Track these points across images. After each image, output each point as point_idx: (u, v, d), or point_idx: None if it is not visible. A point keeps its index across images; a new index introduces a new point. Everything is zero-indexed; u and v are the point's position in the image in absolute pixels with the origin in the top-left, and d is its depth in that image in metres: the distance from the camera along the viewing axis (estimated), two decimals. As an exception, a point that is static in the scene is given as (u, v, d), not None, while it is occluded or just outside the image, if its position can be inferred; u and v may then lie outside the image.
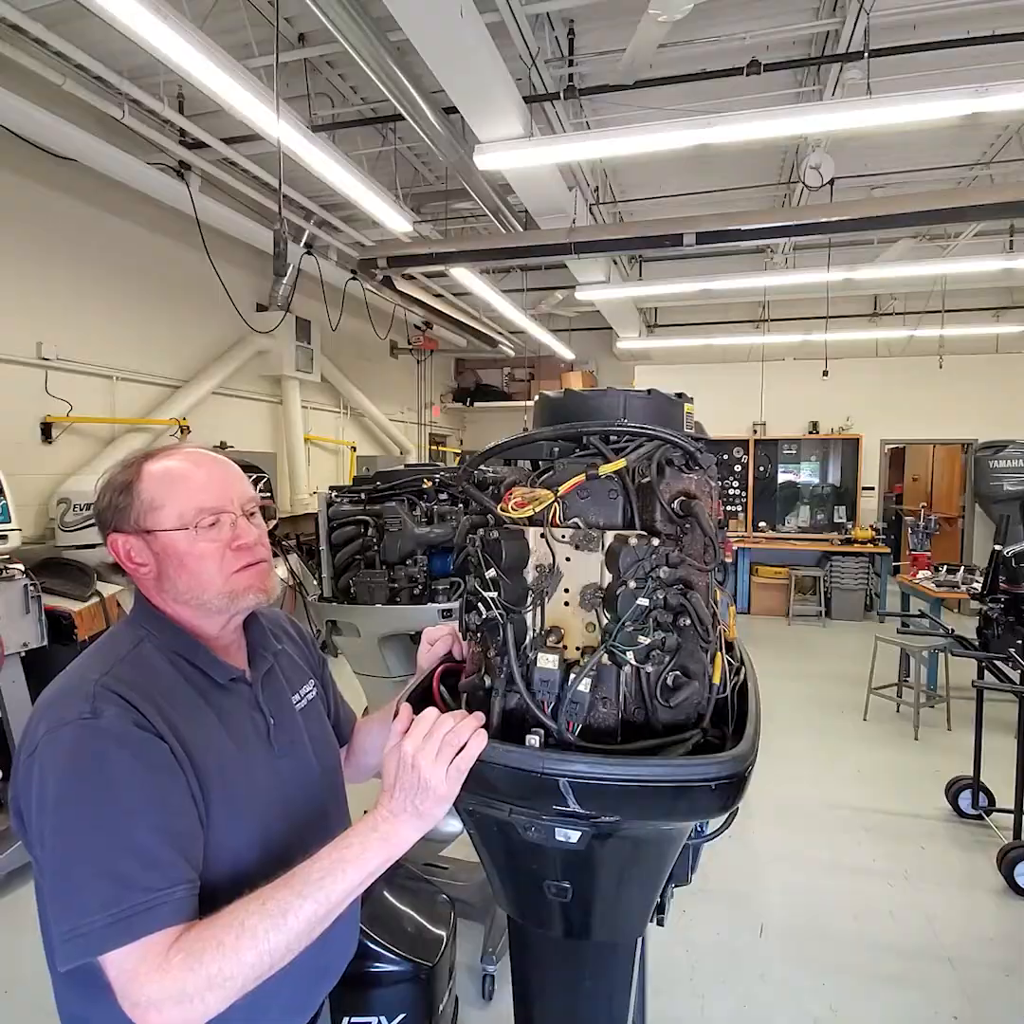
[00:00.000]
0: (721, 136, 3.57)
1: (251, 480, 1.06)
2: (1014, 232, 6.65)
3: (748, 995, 2.39)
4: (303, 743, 1.08)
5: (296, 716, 1.09)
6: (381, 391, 9.25)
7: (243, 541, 0.98)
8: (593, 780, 0.88)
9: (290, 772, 1.03)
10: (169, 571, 0.96)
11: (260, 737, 1.00)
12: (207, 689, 0.97)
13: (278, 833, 0.96)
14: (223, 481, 1.00)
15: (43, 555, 3.98)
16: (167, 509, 0.95)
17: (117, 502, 0.97)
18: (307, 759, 1.08)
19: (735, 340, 9.30)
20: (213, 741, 0.92)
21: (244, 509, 1.00)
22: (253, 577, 0.99)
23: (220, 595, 0.97)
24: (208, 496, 0.97)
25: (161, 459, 0.98)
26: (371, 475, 2.76)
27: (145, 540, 0.96)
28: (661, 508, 1.00)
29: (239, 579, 0.98)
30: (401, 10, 2.89)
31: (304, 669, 1.18)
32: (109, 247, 5.08)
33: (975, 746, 3.40)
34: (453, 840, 2.78)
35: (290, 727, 1.06)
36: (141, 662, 0.93)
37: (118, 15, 2.65)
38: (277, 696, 1.07)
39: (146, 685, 0.89)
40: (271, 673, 1.08)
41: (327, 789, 1.12)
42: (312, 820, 1.03)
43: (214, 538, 0.96)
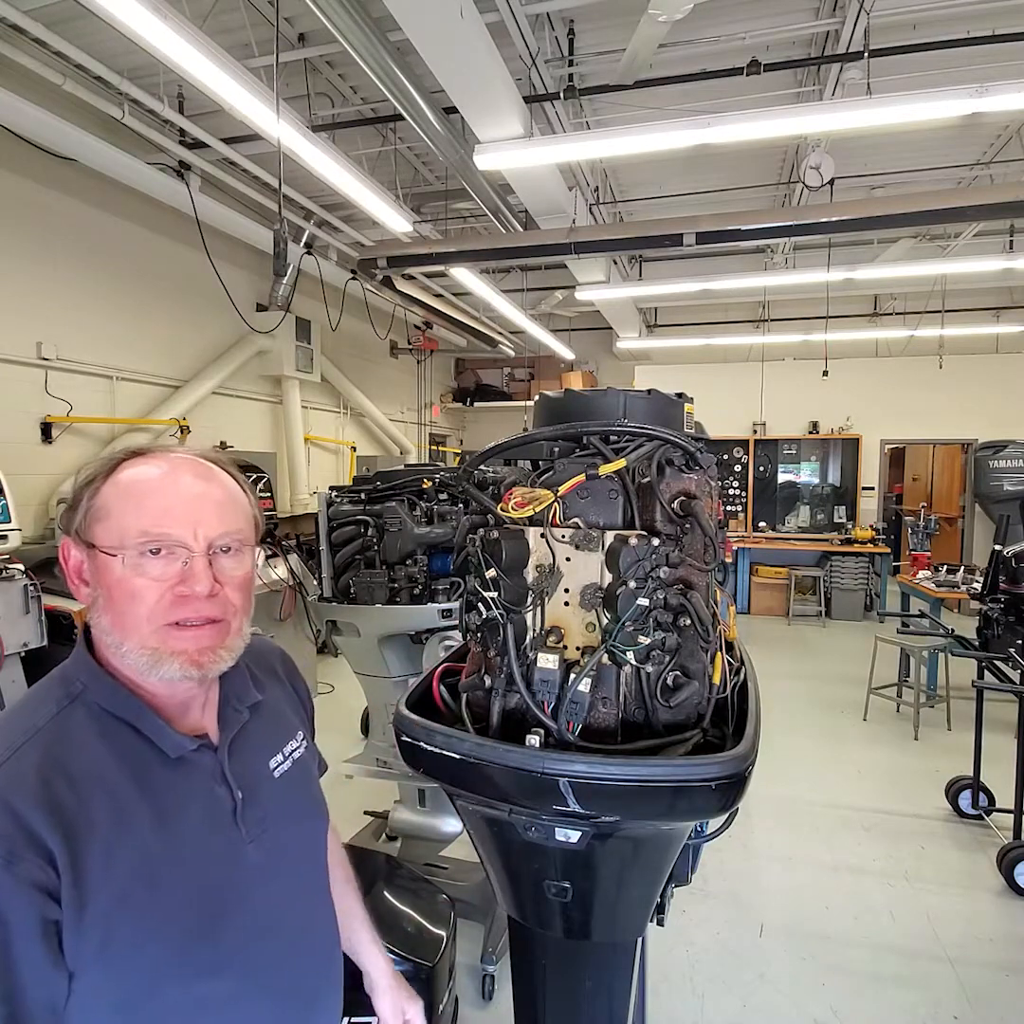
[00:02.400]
0: (721, 136, 3.57)
1: (251, 500, 0.87)
2: (1014, 232, 6.65)
3: (748, 995, 2.39)
4: (281, 818, 0.89)
5: (274, 785, 0.90)
6: (381, 391, 9.25)
7: (185, 588, 0.76)
8: (593, 780, 0.88)
9: (262, 859, 0.84)
10: (100, 601, 0.77)
11: (223, 818, 0.82)
12: (152, 765, 0.78)
13: (228, 945, 0.78)
14: (194, 502, 0.78)
15: (43, 555, 3.97)
16: (111, 522, 0.76)
17: (74, 499, 0.79)
18: (285, 838, 0.89)
19: (735, 340, 9.30)
20: (140, 839, 0.74)
21: (212, 546, 0.78)
22: (186, 641, 0.76)
23: (140, 651, 0.75)
24: (163, 518, 0.76)
25: (141, 460, 0.80)
26: (371, 475, 2.76)
27: (88, 555, 0.78)
28: (661, 508, 1.00)
29: (168, 636, 0.76)
30: (401, 10, 2.89)
31: (291, 720, 1.00)
32: (109, 247, 5.08)
33: (975, 746, 3.40)
34: (453, 840, 2.78)
35: (265, 800, 0.87)
36: (60, 736, 0.74)
37: (118, 15, 2.65)
38: (250, 762, 0.88)
39: (55, 771, 0.71)
40: (245, 732, 0.89)
41: (309, 873, 0.94)
42: (288, 915, 0.87)
43: (155, 574, 0.75)
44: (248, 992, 0.81)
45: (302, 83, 4.34)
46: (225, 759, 0.84)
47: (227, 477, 0.85)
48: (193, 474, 0.81)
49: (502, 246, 5.22)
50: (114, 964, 0.70)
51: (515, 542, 1.00)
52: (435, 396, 11.08)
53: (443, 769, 0.99)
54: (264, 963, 0.82)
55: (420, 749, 1.01)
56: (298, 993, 0.87)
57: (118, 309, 5.17)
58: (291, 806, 0.92)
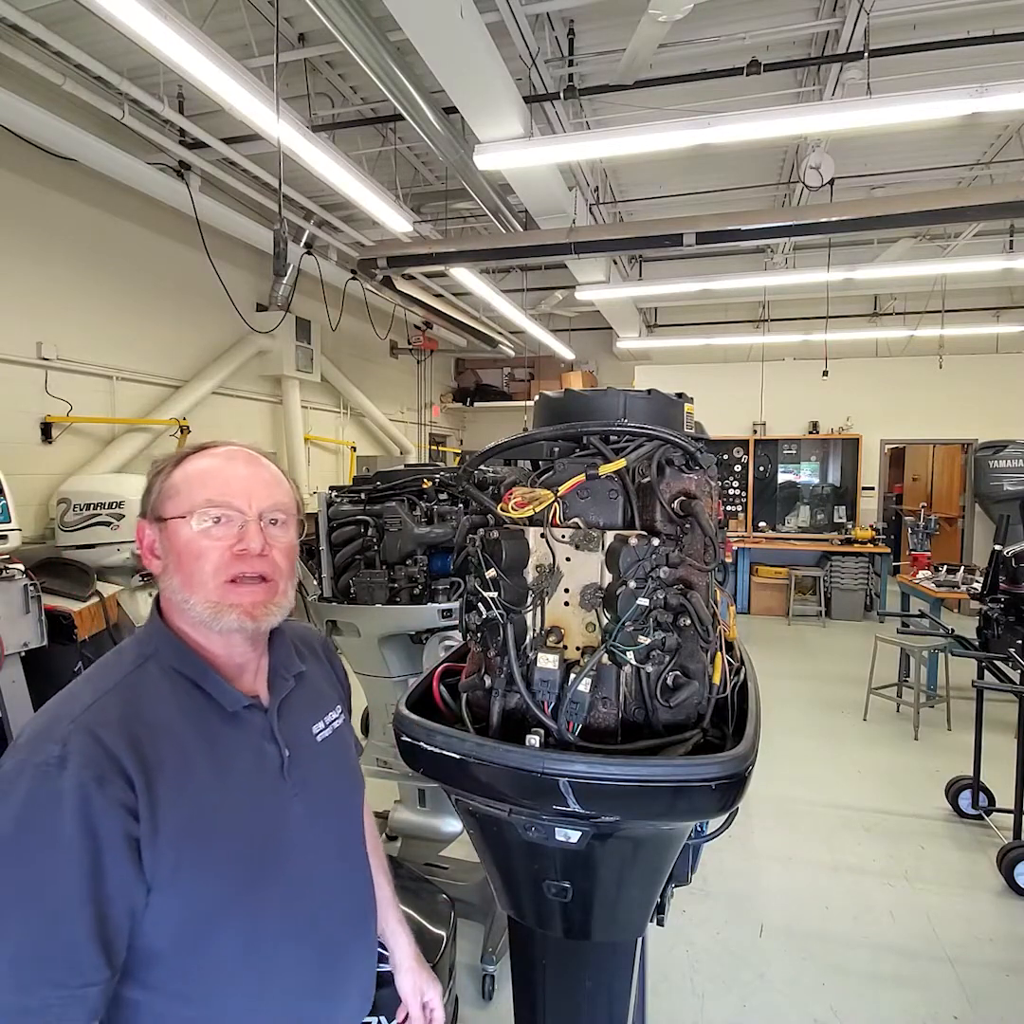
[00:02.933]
0: (721, 136, 3.57)
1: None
2: (1014, 232, 6.64)
3: (748, 995, 2.39)
4: (323, 778, 0.99)
5: (317, 747, 1.01)
6: (381, 391, 9.25)
7: (244, 546, 0.88)
8: (593, 780, 0.88)
9: (305, 811, 0.94)
10: (170, 565, 0.89)
11: (272, 772, 0.92)
12: (212, 719, 0.89)
13: (275, 884, 0.89)
14: (247, 480, 0.93)
15: (43, 555, 3.97)
16: (180, 497, 0.90)
17: (149, 486, 0.93)
18: (326, 796, 0.99)
19: (735, 340, 9.30)
20: (203, 781, 0.84)
21: (263, 515, 0.91)
22: (244, 594, 0.89)
23: (204, 603, 0.87)
24: (223, 490, 0.90)
25: (205, 453, 0.94)
26: (371, 475, 2.76)
27: (159, 529, 0.91)
28: (661, 508, 1.00)
29: (228, 591, 0.88)
30: (401, 10, 2.89)
31: (330, 694, 1.10)
32: (109, 247, 5.08)
33: (975, 746, 3.40)
34: (453, 840, 2.78)
35: (309, 760, 0.98)
36: (136, 689, 0.86)
37: (118, 15, 2.65)
38: (296, 725, 0.99)
39: (133, 716, 0.82)
40: (291, 699, 1.00)
41: (348, 829, 1.04)
42: (329, 865, 0.98)
43: (217, 536, 0.88)
44: (288, 934, 0.89)
45: (302, 83, 4.34)
46: (275, 719, 0.95)
47: (272, 464, 1.00)
48: (246, 459, 0.96)
49: (502, 246, 5.22)
50: (182, 888, 0.80)
51: (515, 542, 1.00)
52: (435, 396, 11.08)
53: (443, 769, 0.99)
54: (303, 910, 0.92)
55: (420, 749, 1.01)
56: (331, 942, 0.95)
57: (118, 309, 5.17)
58: (331, 769, 1.02)
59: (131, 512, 3.83)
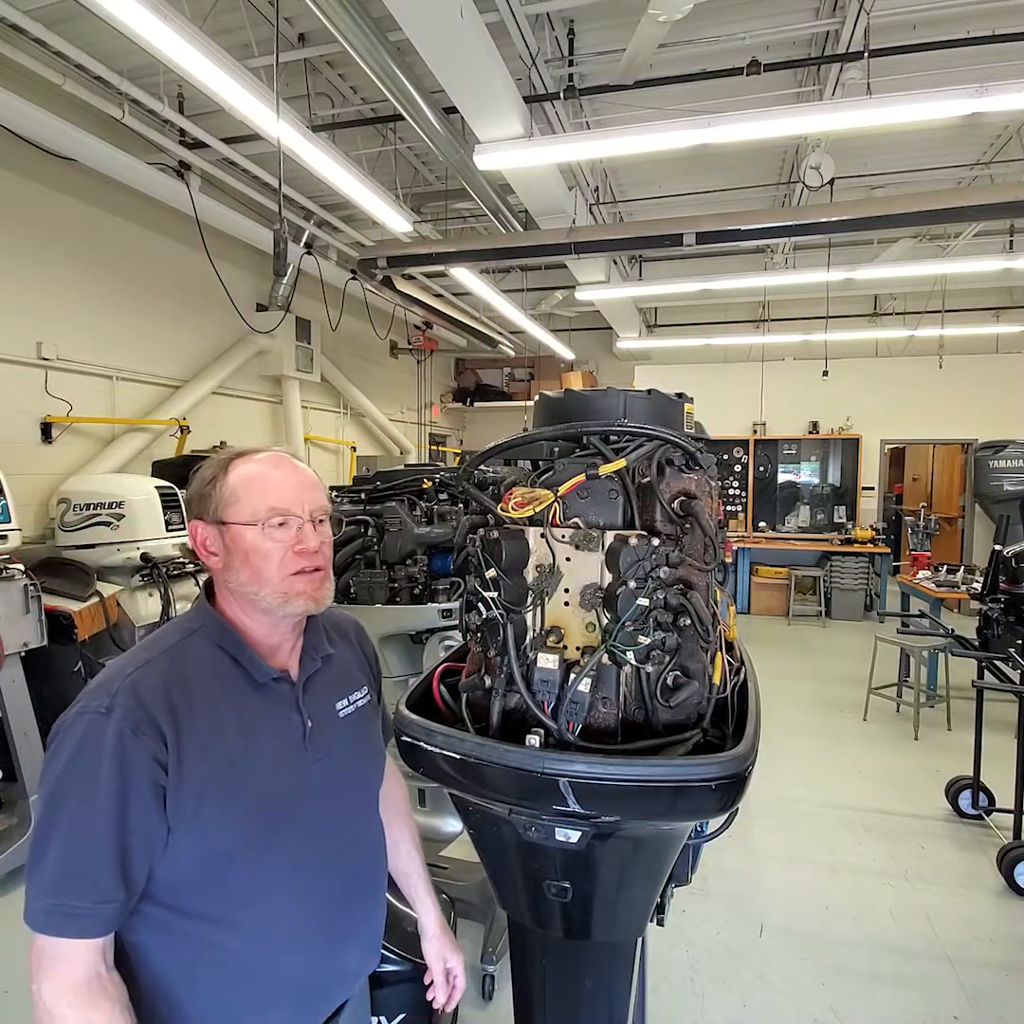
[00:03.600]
0: (721, 136, 3.57)
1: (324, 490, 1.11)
2: (1014, 232, 6.64)
3: (748, 995, 2.39)
4: (342, 749, 1.09)
5: (338, 722, 1.10)
6: (381, 391, 9.25)
7: (304, 546, 1.01)
8: (593, 780, 0.88)
9: (323, 777, 1.04)
10: (235, 563, 1.00)
11: (295, 739, 1.03)
12: (244, 687, 1.01)
13: (288, 836, 0.99)
14: (298, 486, 1.04)
15: (43, 555, 3.97)
16: (242, 504, 1.00)
17: (203, 492, 1.03)
18: (344, 766, 1.09)
19: (735, 340, 9.30)
20: (230, 742, 0.96)
21: (312, 516, 1.03)
22: (306, 583, 1.02)
23: (274, 594, 1.00)
24: (281, 498, 1.01)
25: (249, 459, 1.05)
26: (371, 475, 2.76)
27: (219, 531, 1.01)
28: (661, 508, 1.00)
29: (293, 582, 1.01)
30: (401, 10, 2.89)
31: (358, 676, 1.19)
32: (109, 247, 5.08)
33: (975, 746, 3.40)
34: (453, 840, 2.78)
35: (330, 732, 1.07)
36: (181, 656, 0.99)
37: (118, 15, 2.65)
38: (320, 700, 1.09)
39: (174, 680, 0.95)
40: (317, 676, 1.10)
41: (362, 798, 1.14)
42: (341, 827, 1.07)
43: (279, 538, 1.00)
44: (298, 879, 1.00)
45: (302, 83, 4.34)
46: (300, 693, 1.05)
47: (308, 467, 1.11)
48: (291, 466, 1.07)
49: (502, 246, 5.22)
50: (201, 831, 0.91)
51: (515, 542, 1.00)
52: (435, 396, 11.08)
53: (443, 769, 0.99)
54: (316, 866, 1.02)
55: (420, 749, 1.01)
56: (338, 892, 1.05)
57: (118, 309, 5.17)
58: (351, 742, 1.11)
59: (131, 512, 3.82)
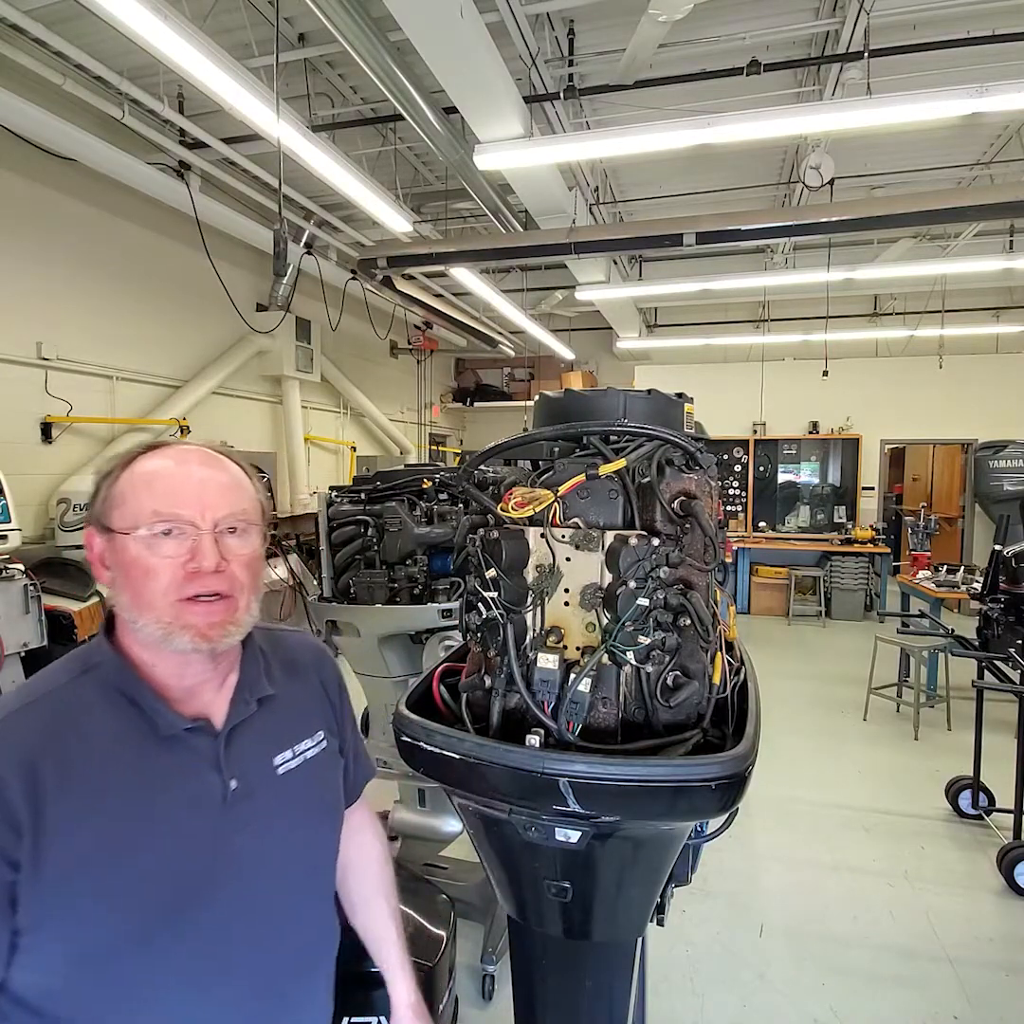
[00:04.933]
0: (721, 136, 3.57)
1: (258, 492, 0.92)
2: (1014, 232, 6.64)
3: (748, 995, 2.39)
4: (279, 812, 0.89)
5: (276, 779, 0.90)
6: (381, 391, 9.25)
7: (196, 565, 0.80)
8: (593, 780, 0.88)
9: (248, 849, 0.85)
10: (118, 581, 0.82)
11: (211, 804, 0.83)
12: (147, 741, 0.81)
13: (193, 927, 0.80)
14: (199, 487, 0.83)
15: (43, 555, 3.98)
16: (127, 507, 0.81)
17: (96, 491, 0.85)
18: (280, 833, 0.89)
19: (735, 340, 9.30)
20: (116, 812, 0.77)
21: (218, 525, 0.82)
22: (200, 614, 0.80)
23: (155, 623, 0.79)
24: (172, 501, 0.81)
25: (155, 454, 0.86)
26: (371, 475, 2.76)
27: (106, 540, 0.83)
28: (661, 508, 1.00)
29: (182, 611, 0.79)
30: (401, 10, 2.89)
31: (311, 719, 0.99)
32: (109, 247, 5.08)
33: (975, 746, 3.40)
34: (453, 840, 2.78)
35: (263, 793, 0.88)
36: (68, 700, 0.80)
37: (118, 15, 2.65)
38: (253, 753, 0.89)
39: (50, 734, 0.77)
40: (251, 723, 0.89)
41: (303, 870, 0.93)
42: (270, 909, 0.87)
43: (168, 552, 0.79)
44: (208, 978, 0.81)
45: (302, 83, 4.34)
46: (222, 746, 0.85)
47: (232, 464, 0.90)
48: (199, 461, 0.86)
49: (502, 246, 5.22)
50: (73, 926, 0.73)
51: (515, 542, 1.00)
52: (435, 396, 11.08)
53: (443, 769, 0.99)
54: (231, 960, 0.83)
55: (420, 749, 1.01)
56: (265, 990, 0.87)
57: (118, 309, 5.17)
58: (292, 803, 0.91)
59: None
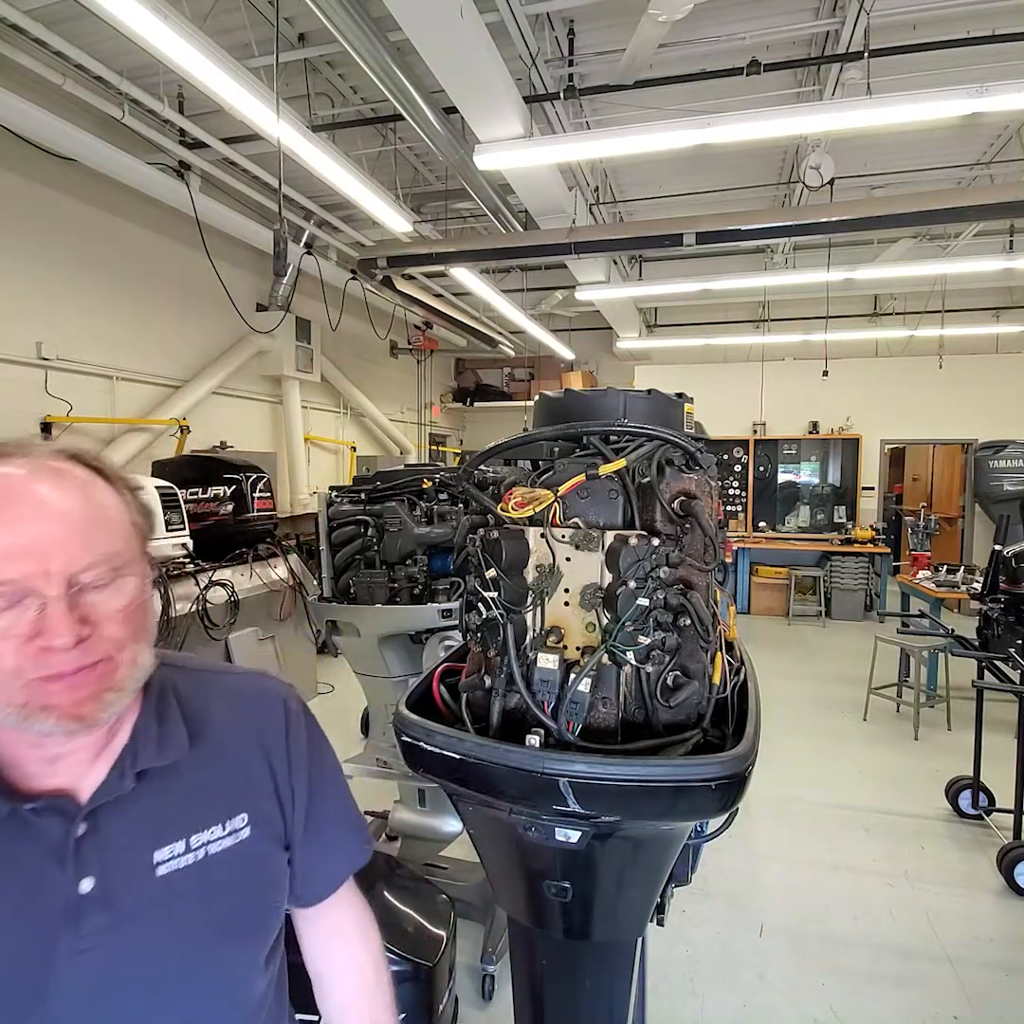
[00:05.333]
0: (721, 136, 3.57)
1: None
2: (1014, 232, 6.65)
3: (748, 995, 2.39)
4: (156, 928, 0.68)
5: (153, 884, 0.68)
6: (381, 391, 9.25)
7: (45, 643, 0.60)
8: (593, 780, 0.88)
9: (96, 981, 0.64)
10: None
11: (49, 910, 0.63)
12: None
13: None
14: (40, 534, 0.61)
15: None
16: None
17: None
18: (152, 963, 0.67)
19: (735, 340, 9.30)
20: None
21: (74, 583, 0.62)
22: (59, 695, 0.61)
23: (7, 708, 0.61)
24: (5, 554, 0.59)
25: None
26: (371, 475, 2.76)
27: None
28: (661, 508, 1.00)
29: (37, 692, 0.61)
30: (401, 10, 2.89)
31: (231, 798, 0.76)
32: (109, 247, 5.08)
33: (975, 746, 3.40)
34: (453, 840, 2.78)
35: (131, 901, 0.67)
36: None
37: (118, 15, 2.65)
38: (122, 846, 0.68)
39: None
40: (123, 806, 0.68)
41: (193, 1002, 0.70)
42: None
43: (4, 629, 0.60)
44: None
45: (302, 83, 4.34)
46: (76, 832, 0.65)
47: (90, 482, 0.66)
48: (51, 488, 0.63)
49: (502, 246, 5.22)
50: None
51: (515, 542, 1.00)
52: (435, 396, 11.08)
53: (443, 769, 0.99)
54: None
55: (420, 749, 1.01)
56: None
57: (118, 309, 5.17)
58: (177, 918, 0.69)
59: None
